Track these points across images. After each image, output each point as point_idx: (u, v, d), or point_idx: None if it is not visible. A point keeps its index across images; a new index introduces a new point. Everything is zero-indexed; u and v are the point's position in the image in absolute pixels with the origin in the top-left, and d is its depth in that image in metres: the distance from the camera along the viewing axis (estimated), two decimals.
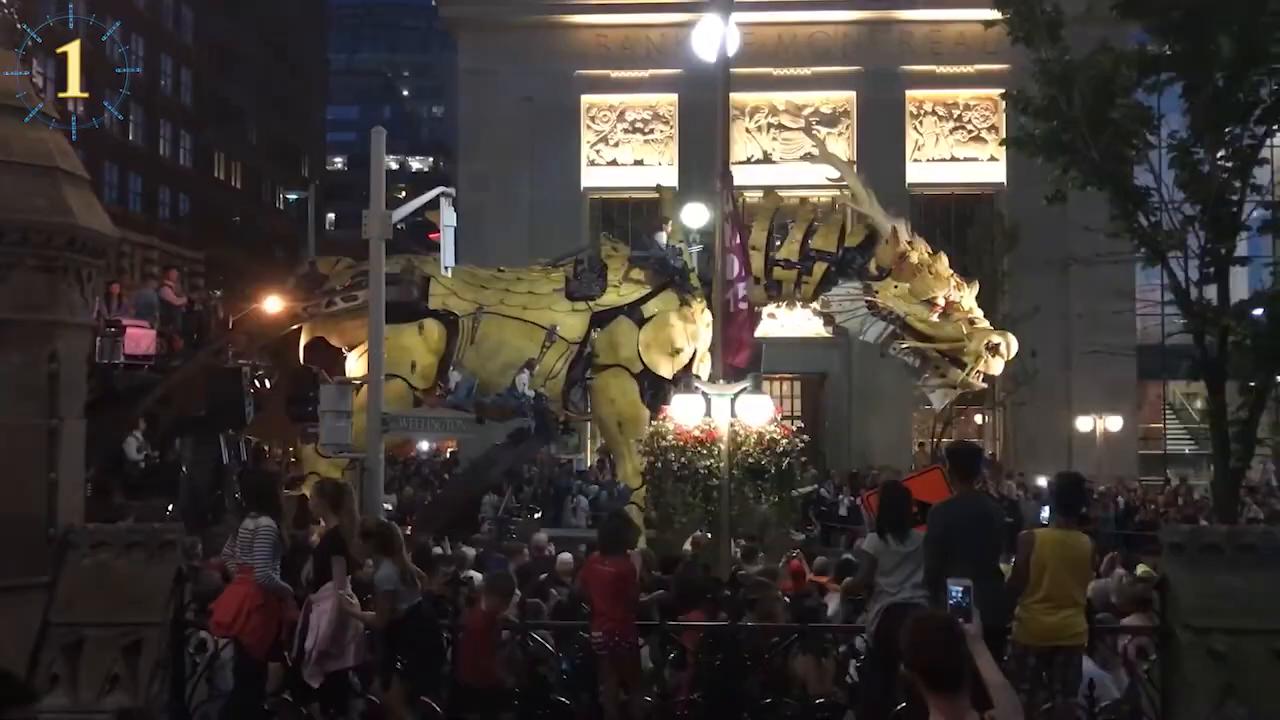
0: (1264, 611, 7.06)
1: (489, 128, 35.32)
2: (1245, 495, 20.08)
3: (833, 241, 16.58)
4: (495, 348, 17.02)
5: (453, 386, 16.75)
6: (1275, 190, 14.51)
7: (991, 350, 15.33)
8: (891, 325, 15.81)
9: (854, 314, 16.12)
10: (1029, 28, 14.20)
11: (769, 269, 16.81)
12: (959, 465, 7.81)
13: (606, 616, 7.86)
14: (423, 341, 17.04)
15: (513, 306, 17.28)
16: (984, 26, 17.08)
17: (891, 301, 15.72)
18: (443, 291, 17.30)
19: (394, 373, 16.80)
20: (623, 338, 17.03)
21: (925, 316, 15.64)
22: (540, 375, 16.81)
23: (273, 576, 7.47)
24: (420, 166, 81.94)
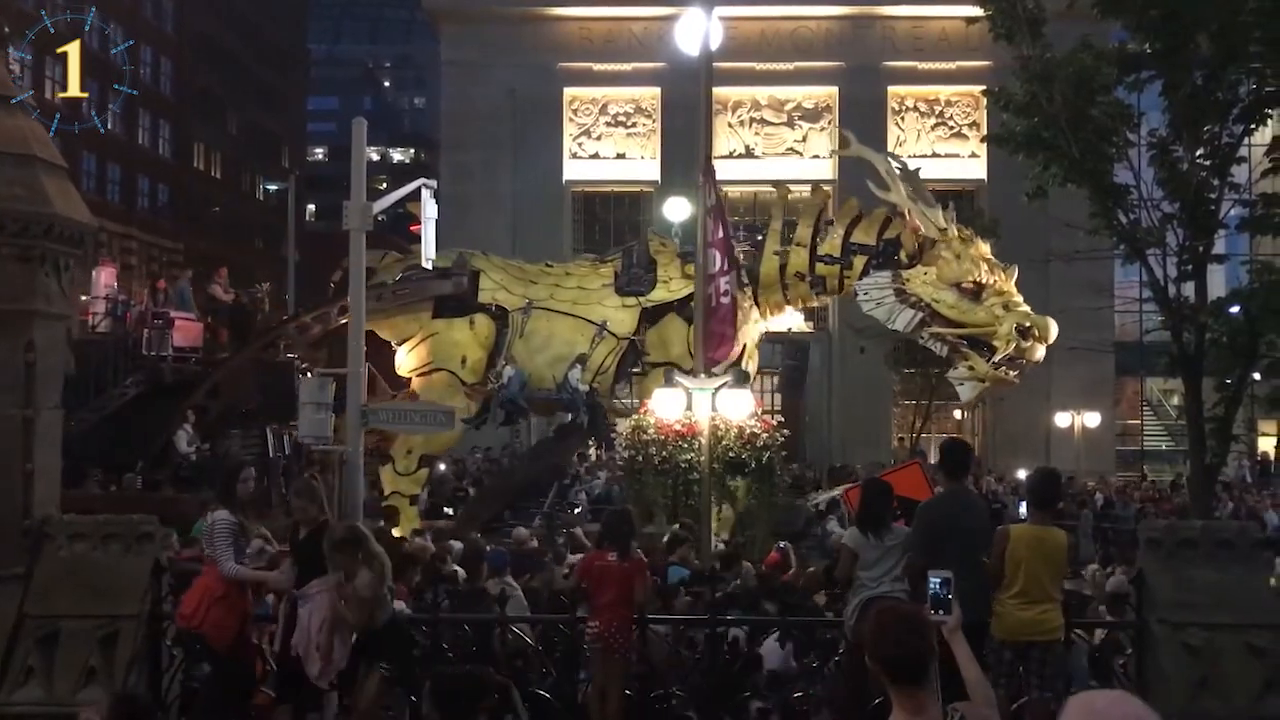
0: (1238, 606, 7.12)
1: (471, 119, 35.24)
2: (1221, 491, 20.25)
3: (873, 234, 16.47)
4: (545, 342, 16.97)
5: (505, 380, 16.75)
6: (1253, 188, 14.61)
7: (1022, 334, 14.82)
8: (920, 313, 15.48)
9: (881, 303, 15.86)
10: (1011, 25, 14.24)
11: (813, 265, 16.79)
12: (950, 462, 7.84)
13: (607, 612, 7.83)
14: (474, 336, 17.02)
15: (562, 301, 17.25)
16: (966, 23, 17.13)
17: (920, 288, 15.45)
18: (492, 285, 17.29)
19: (443, 366, 16.83)
20: (674, 335, 16.93)
21: (954, 302, 15.32)
22: (590, 370, 16.79)
23: (237, 568, 7.43)
24: (401, 158, 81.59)
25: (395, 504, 16.81)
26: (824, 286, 16.82)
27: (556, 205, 35.67)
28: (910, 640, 3.64)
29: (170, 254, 47.19)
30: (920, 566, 7.12)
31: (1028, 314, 14.94)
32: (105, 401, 19.73)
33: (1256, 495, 24.26)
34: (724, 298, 14.29)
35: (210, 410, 19.33)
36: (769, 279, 16.90)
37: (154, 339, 20.38)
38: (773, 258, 16.87)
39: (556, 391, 16.81)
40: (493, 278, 17.34)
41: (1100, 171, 13.95)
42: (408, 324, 17.12)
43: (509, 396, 16.74)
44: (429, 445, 16.95)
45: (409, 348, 17.17)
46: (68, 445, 20.05)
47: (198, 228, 49.69)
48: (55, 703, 6.99)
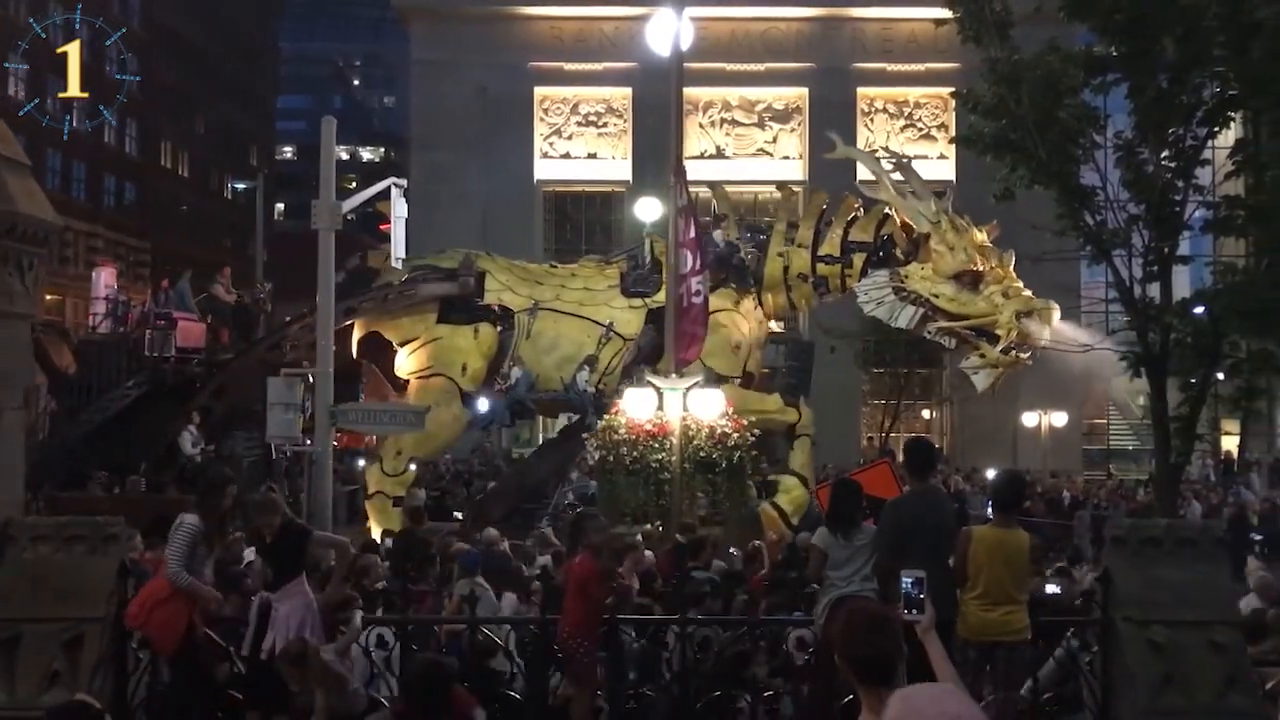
0: (1201, 603, 7.20)
1: (441, 118, 35.13)
2: (1185, 489, 20.47)
3: (870, 232, 16.52)
4: (552, 343, 16.95)
5: (513, 381, 16.72)
6: (1216, 190, 14.77)
7: (1024, 318, 14.81)
8: (921, 309, 15.48)
9: (882, 302, 15.87)
10: (979, 27, 14.33)
11: (814, 266, 16.82)
12: (914, 461, 7.88)
13: (565, 614, 7.84)
14: (476, 345, 17.00)
15: (568, 302, 17.22)
16: (935, 25, 17.23)
17: (918, 284, 15.44)
18: (498, 286, 17.27)
19: (443, 372, 16.76)
20: None
21: (953, 294, 15.29)
22: (597, 372, 16.76)
23: (184, 575, 7.37)
24: (371, 157, 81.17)
25: (378, 504, 16.74)
26: (827, 286, 16.92)
27: (528, 205, 35.61)
28: (879, 640, 3.66)
29: (137, 253, 46.74)
30: (887, 566, 7.17)
31: (1028, 299, 14.98)
32: (107, 403, 19.59)
33: (1220, 494, 24.56)
34: (695, 298, 14.32)
35: (215, 411, 19.21)
36: (773, 280, 17.00)
37: (156, 340, 20.27)
38: (776, 259, 16.97)
39: (564, 392, 16.80)
40: (498, 279, 17.35)
41: (1067, 173, 14.07)
42: (413, 325, 17.11)
43: (516, 397, 16.76)
44: (419, 448, 16.88)
45: (410, 350, 17.14)
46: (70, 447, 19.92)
47: (165, 226, 49.24)
48: (17, 706, 6.90)
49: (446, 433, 17.09)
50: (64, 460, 19.15)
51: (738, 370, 16.93)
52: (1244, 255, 15.55)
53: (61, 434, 19.99)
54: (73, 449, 19.29)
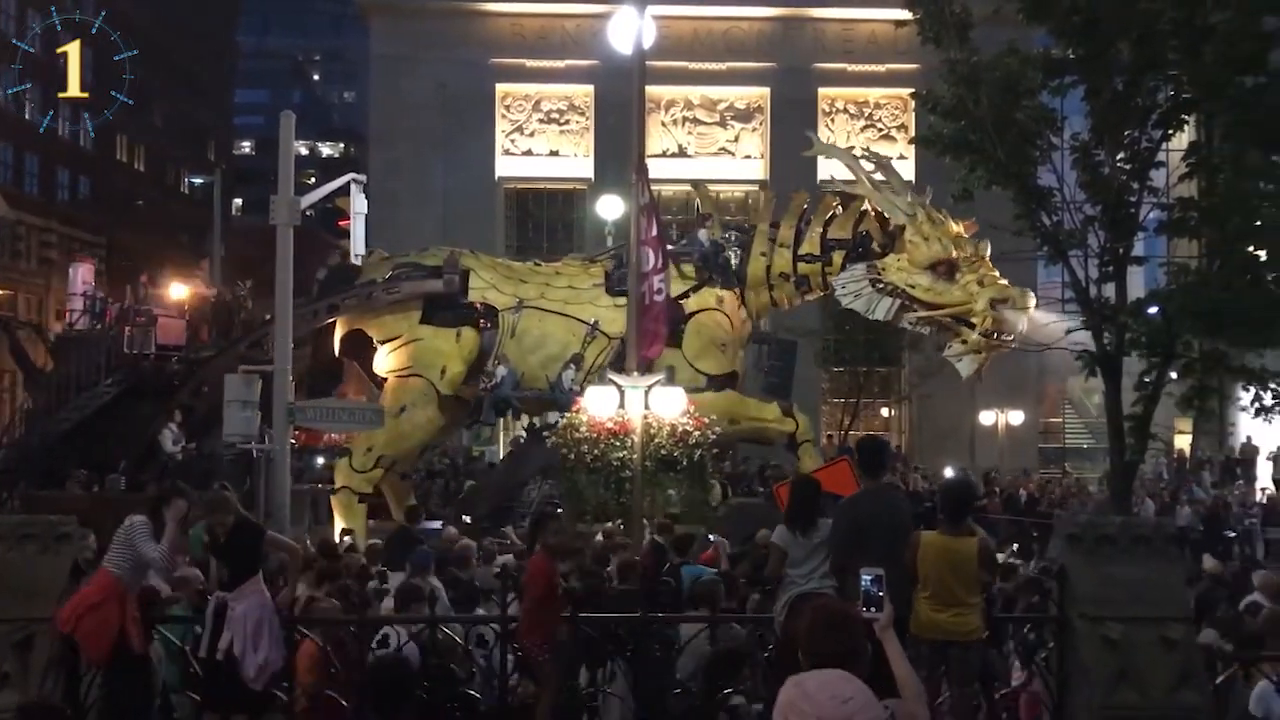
0: (1155, 600, 7.30)
1: (402, 114, 34.90)
2: (1139, 487, 20.74)
3: (848, 229, 16.66)
4: (537, 342, 16.91)
5: (498, 379, 16.62)
6: (1170, 192, 14.98)
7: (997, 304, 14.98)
8: (898, 300, 15.65)
9: (859, 294, 16.01)
10: (939, 29, 14.43)
11: (795, 265, 16.90)
12: (867, 459, 7.92)
13: (526, 614, 7.81)
14: (458, 349, 16.91)
15: (553, 301, 17.16)
16: (895, 26, 17.35)
17: (894, 276, 15.61)
18: (482, 284, 17.20)
19: (422, 373, 16.66)
20: (673, 365, 16.85)
21: (929, 284, 15.47)
22: (582, 370, 16.70)
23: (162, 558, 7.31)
24: (331, 152, 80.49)
25: (344, 499, 16.62)
26: (808, 285, 17.06)
27: (489, 202, 35.46)
28: (842, 638, 3.68)
29: (91, 247, 46.02)
30: (839, 564, 7.22)
31: (1004, 287, 15.25)
32: (86, 401, 19.34)
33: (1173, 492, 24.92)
34: (657, 296, 14.34)
35: (196, 409, 19.00)
36: (756, 280, 17.10)
37: (136, 337, 20.02)
38: (759, 259, 17.06)
39: (549, 391, 16.74)
40: (483, 276, 17.31)
41: (1024, 174, 14.20)
42: (396, 324, 17.03)
43: (502, 395, 16.68)
44: (391, 446, 16.76)
45: (391, 348, 17.05)
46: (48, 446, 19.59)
47: (120, 221, 48.54)
48: None
49: (420, 434, 17.02)
50: (43, 458, 18.92)
51: (726, 369, 17.02)
52: (1197, 256, 15.76)
53: (40, 432, 19.73)
54: (51, 447, 19.06)
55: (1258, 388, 13.06)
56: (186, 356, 19.98)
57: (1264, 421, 13.48)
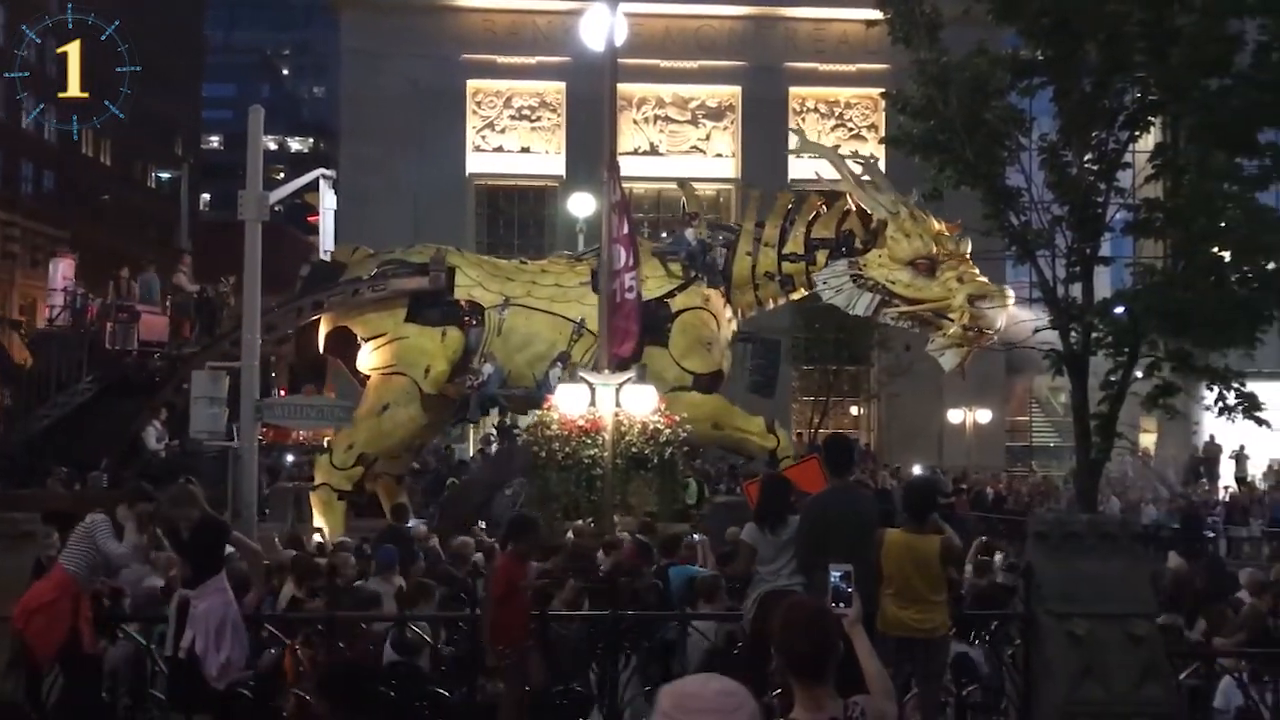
0: (1120, 596, 7.38)
1: (372, 110, 34.70)
2: (1104, 485, 20.94)
3: (832, 228, 16.75)
4: (525, 340, 16.80)
5: (485, 378, 16.54)
6: (1136, 193, 15.11)
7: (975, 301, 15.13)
8: (878, 295, 15.77)
9: (840, 290, 16.12)
10: (909, 29, 14.50)
11: (780, 264, 16.95)
12: (833, 458, 7.96)
13: (491, 616, 7.78)
14: (443, 348, 16.78)
15: (540, 299, 17.07)
16: (866, 26, 17.42)
17: (875, 271, 15.73)
18: (468, 282, 17.10)
19: (406, 372, 16.55)
20: (660, 364, 16.79)
21: (909, 280, 15.61)
22: (569, 369, 16.65)
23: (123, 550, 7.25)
24: (300, 148, 79.94)
25: (323, 496, 16.50)
26: (793, 284, 17.13)
27: (459, 198, 35.32)
28: (817, 637, 3.69)
29: (56, 242, 45.45)
30: (805, 562, 7.25)
31: (983, 284, 15.40)
32: (68, 398, 19.09)
33: (1138, 490, 25.19)
34: (629, 293, 14.36)
35: (178, 406, 18.85)
36: (741, 279, 17.14)
37: (118, 333, 19.77)
38: (744, 258, 17.10)
39: (536, 389, 16.69)
40: (469, 274, 17.23)
41: (993, 174, 14.29)
42: (381, 321, 16.89)
43: (488, 393, 16.61)
44: (372, 444, 16.65)
45: (375, 346, 16.93)
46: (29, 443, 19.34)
47: (86, 215, 48.00)
48: None
49: (402, 432, 16.93)
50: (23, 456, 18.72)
51: (712, 367, 17.05)
52: (1162, 257, 15.93)
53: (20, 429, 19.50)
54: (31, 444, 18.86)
55: (1221, 387, 13.21)
56: (169, 353, 19.78)
57: (1227, 421, 13.63)
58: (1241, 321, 12.70)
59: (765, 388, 18.10)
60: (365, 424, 16.51)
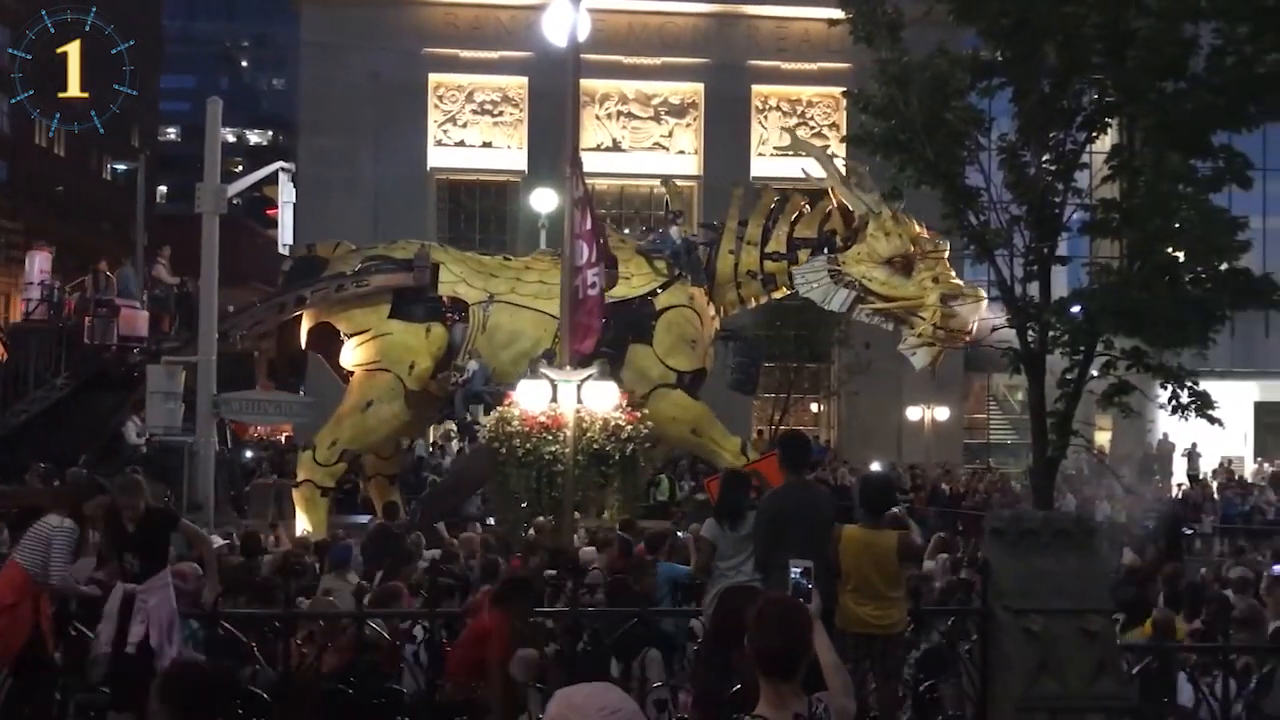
0: (1075, 593, 7.45)
1: (332, 103, 34.40)
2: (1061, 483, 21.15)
3: (814, 228, 16.89)
4: (509, 337, 16.78)
5: (469, 374, 16.43)
6: (1093, 194, 15.26)
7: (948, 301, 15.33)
8: (854, 291, 15.95)
9: (817, 284, 16.27)
10: (871, 28, 14.55)
11: (762, 263, 17.01)
12: (788, 454, 8.00)
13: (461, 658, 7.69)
14: (426, 344, 16.72)
15: (525, 296, 17.01)
16: (828, 25, 17.46)
17: (853, 268, 15.91)
18: (452, 279, 17.01)
19: (390, 368, 16.45)
20: (644, 362, 16.83)
21: (885, 278, 15.81)
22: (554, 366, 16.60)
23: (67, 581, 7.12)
24: (258, 140, 79.15)
25: (305, 493, 16.37)
26: (775, 283, 17.24)
27: (420, 193, 35.11)
28: (789, 634, 3.70)
29: (9, 234, 44.78)
30: (761, 559, 7.28)
31: (957, 285, 15.66)
32: (46, 392, 18.87)
33: (1093, 487, 25.49)
34: (591, 290, 14.32)
35: None
36: (724, 277, 17.26)
37: (97, 328, 19.51)
38: (728, 256, 17.20)
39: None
40: (452, 270, 17.20)
41: (953, 174, 14.37)
42: (365, 317, 16.83)
43: (474, 390, 16.56)
44: (355, 440, 16.55)
45: (359, 342, 16.86)
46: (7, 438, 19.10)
47: (39, 207, 47.29)
48: None
49: (385, 428, 16.87)
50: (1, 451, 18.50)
51: (696, 365, 17.12)
52: (1118, 257, 16.10)
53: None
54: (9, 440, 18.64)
55: (1175, 386, 13.38)
56: (148, 348, 19.59)
57: (1180, 419, 13.80)
58: (1195, 321, 12.87)
59: (746, 385, 18.31)
60: (349, 420, 16.47)
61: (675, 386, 16.79)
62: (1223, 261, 12.96)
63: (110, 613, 7.18)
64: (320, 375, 18.88)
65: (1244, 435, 33.83)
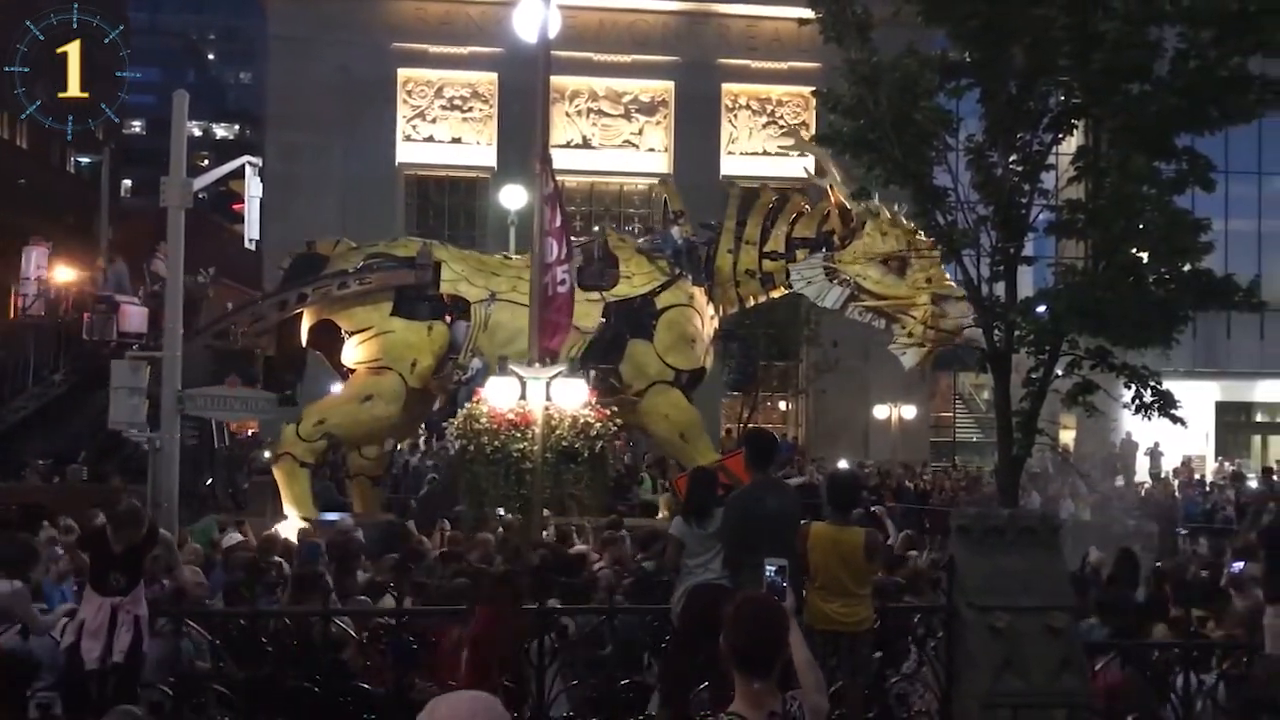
0: (1039, 590, 7.53)
1: (300, 97, 34.15)
2: (1026, 481, 21.32)
3: (813, 228, 17.02)
4: (510, 336, 16.67)
5: (472, 372, 16.35)
6: (1059, 194, 15.38)
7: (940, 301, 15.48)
8: (848, 289, 16.11)
9: (812, 281, 16.40)
10: (840, 28, 14.58)
11: (761, 262, 17.08)
12: (755, 452, 8.03)
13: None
14: (429, 343, 16.66)
15: (526, 294, 16.92)
16: (798, 24, 17.51)
17: (847, 266, 16.07)
18: (453, 277, 16.95)
19: (393, 367, 16.34)
20: (644, 357, 16.83)
21: (879, 277, 15.97)
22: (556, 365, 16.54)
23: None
24: (225, 134, 78.46)
25: (286, 466, 16.26)
26: (773, 282, 17.33)
27: (389, 188, 34.95)
28: (767, 631, 3.71)
29: None
30: (729, 557, 7.30)
31: (950, 286, 15.76)
32: (44, 389, 18.65)
33: (1058, 486, 25.73)
34: (560, 287, 14.33)
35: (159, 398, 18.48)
36: (723, 276, 17.38)
37: (97, 323, 19.33)
38: (726, 255, 17.30)
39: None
40: (454, 268, 17.16)
41: (921, 174, 14.43)
42: (366, 315, 16.76)
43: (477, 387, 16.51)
44: (342, 428, 16.46)
45: (360, 340, 16.76)
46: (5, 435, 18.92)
47: (1, 201, 46.61)
48: None
49: (375, 426, 16.83)
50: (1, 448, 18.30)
51: (694, 365, 17.18)
52: (1083, 257, 16.24)
53: None
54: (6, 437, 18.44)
55: (1138, 385, 13.50)
56: (148, 344, 19.44)
57: (1143, 419, 13.94)
58: (1159, 321, 12.99)
59: (744, 383, 18.56)
60: (343, 407, 16.47)
61: (673, 385, 16.91)
62: (1186, 263, 13.08)
63: (98, 629, 7.17)
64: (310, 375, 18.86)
65: (1205, 435, 34.25)
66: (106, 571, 7.36)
